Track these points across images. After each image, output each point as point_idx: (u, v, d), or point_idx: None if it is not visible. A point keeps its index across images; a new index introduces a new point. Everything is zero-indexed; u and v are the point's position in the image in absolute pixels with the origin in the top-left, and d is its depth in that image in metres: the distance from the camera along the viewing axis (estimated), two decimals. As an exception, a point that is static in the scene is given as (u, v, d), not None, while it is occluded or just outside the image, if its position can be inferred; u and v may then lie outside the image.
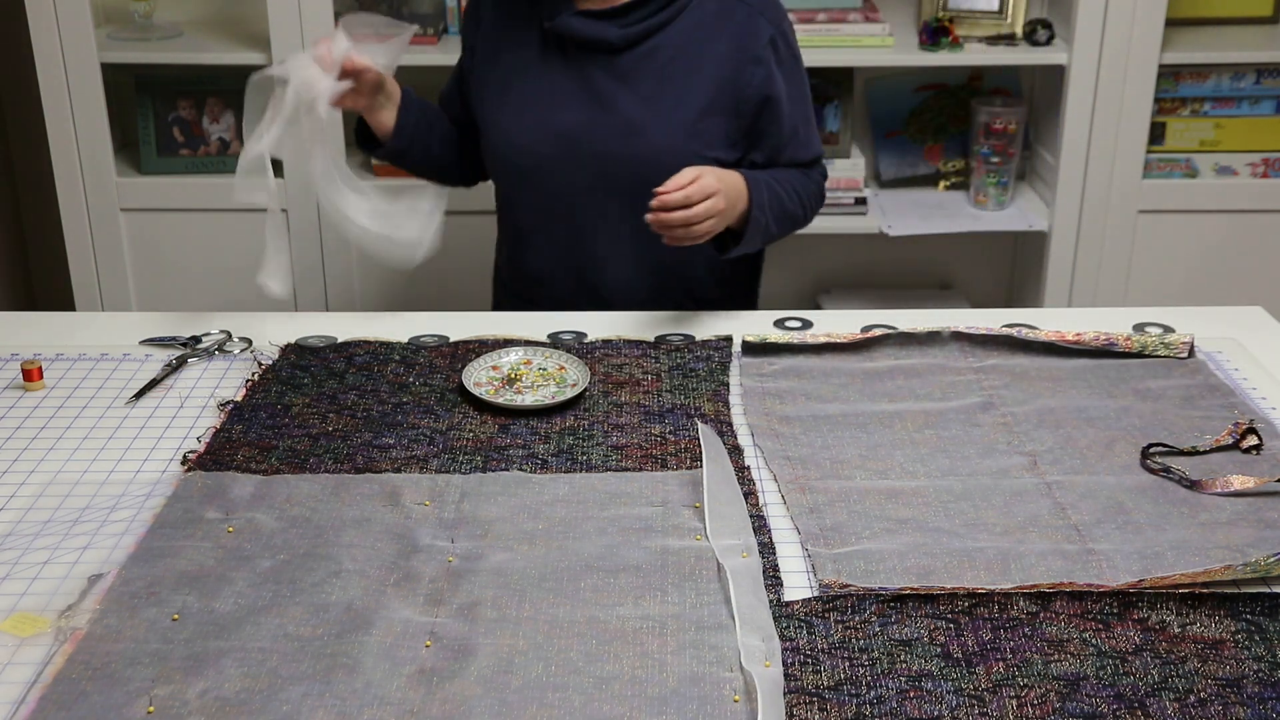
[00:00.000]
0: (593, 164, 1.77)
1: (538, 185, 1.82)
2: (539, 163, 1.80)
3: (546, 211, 1.83)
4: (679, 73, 1.77)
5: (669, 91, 1.76)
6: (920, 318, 1.70)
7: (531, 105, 1.79)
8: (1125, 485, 1.33)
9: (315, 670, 1.06)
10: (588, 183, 1.79)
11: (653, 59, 1.76)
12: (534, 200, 1.84)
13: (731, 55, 1.77)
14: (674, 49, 1.77)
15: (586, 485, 1.33)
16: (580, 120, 1.77)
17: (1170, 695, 1.04)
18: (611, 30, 1.75)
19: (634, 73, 1.76)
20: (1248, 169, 2.76)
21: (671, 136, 1.76)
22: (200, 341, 1.65)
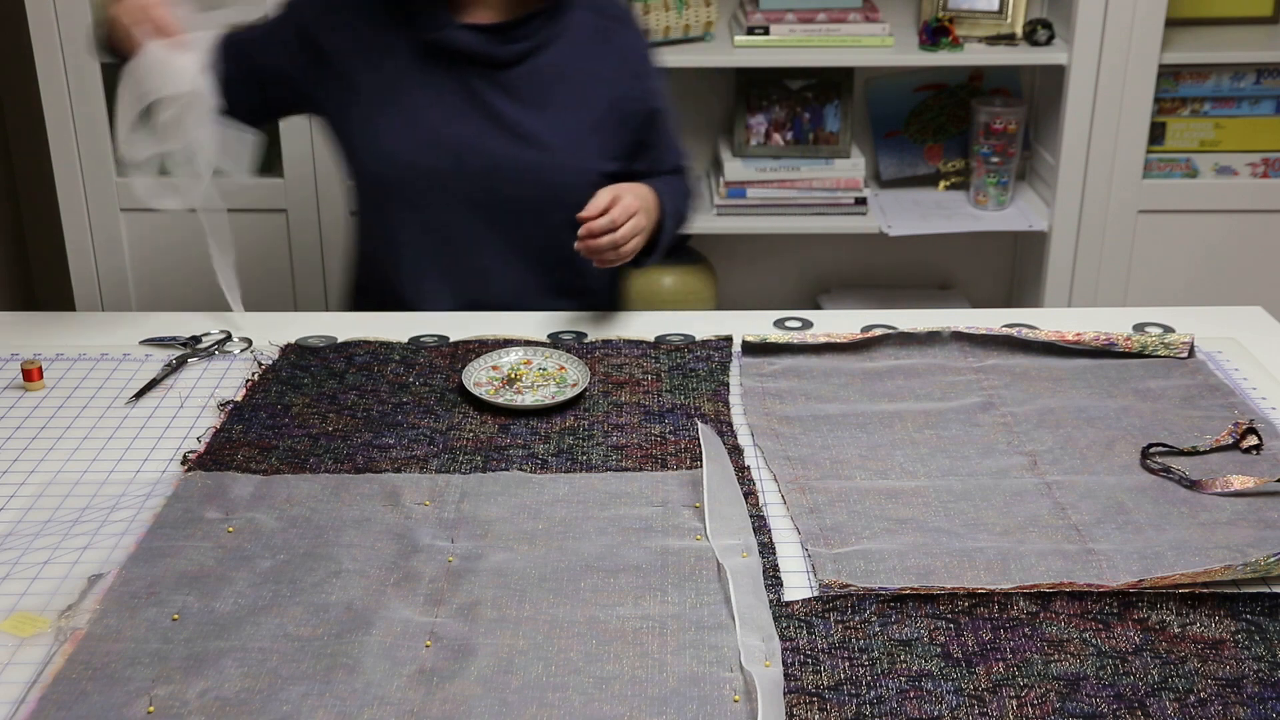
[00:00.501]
0: (481, 177, 1.74)
1: (419, 199, 1.76)
2: (423, 176, 1.74)
3: (425, 224, 1.77)
4: (568, 88, 1.76)
5: (559, 106, 1.76)
6: (920, 318, 1.70)
7: (415, 118, 1.74)
8: (1125, 485, 1.33)
9: (315, 670, 1.06)
10: (474, 196, 1.75)
11: (539, 75, 1.75)
12: (413, 214, 1.77)
13: (618, 71, 1.80)
14: (559, 65, 1.76)
15: (586, 485, 1.33)
16: (469, 133, 1.73)
17: (1170, 695, 1.04)
18: (499, 46, 1.73)
19: (521, 88, 1.75)
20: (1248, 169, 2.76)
21: (564, 149, 1.75)
22: (200, 341, 1.65)
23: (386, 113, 1.75)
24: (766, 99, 2.80)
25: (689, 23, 2.72)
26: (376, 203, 1.81)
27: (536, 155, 1.74)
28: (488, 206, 1.76)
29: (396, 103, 1.75)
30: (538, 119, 1.75)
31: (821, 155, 2.78)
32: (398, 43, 1.75)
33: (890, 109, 2.92)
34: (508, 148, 1.74)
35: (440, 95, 1.74)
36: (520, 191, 1.75)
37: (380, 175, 1.77)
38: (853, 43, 2.68)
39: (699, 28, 2.74)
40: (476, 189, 1.75)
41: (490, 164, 1.74)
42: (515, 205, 1.76)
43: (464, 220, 1.77)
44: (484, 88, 1.74)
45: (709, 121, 2.95)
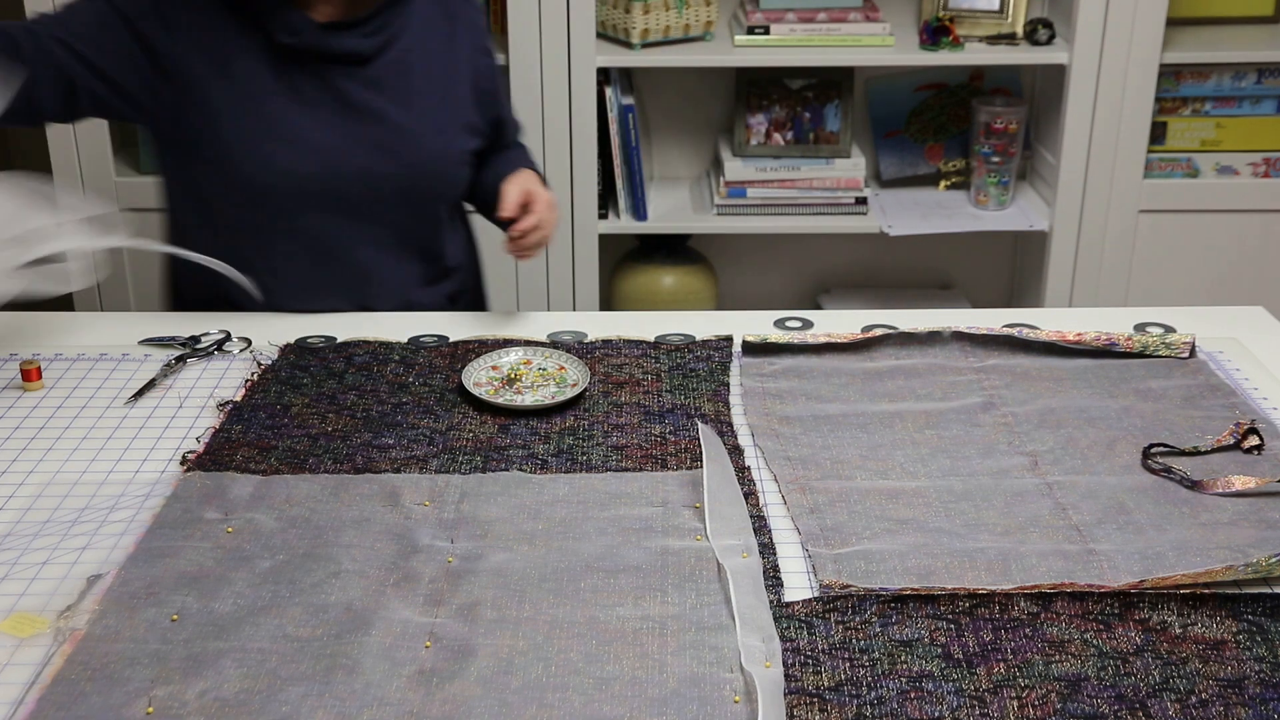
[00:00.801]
0: (357, 177, 1.70)
1: (295, 205, 1.70)
2: (299, 182, 1.68)
3: (302, 229, 1.71)
4: (427, 74, 1.74)
5: (422, 93, 1.74)
6: (921, 318, 1.70)
7: (284, 125, 1.67)
8: (1126, 485, 1.33)
9: (315, 671, 1.06)
10: (351, 196, 1.71)
11: (398, 64, 1.72)
12: (288, 220, 1.71)
13: (470, 50, 1.80)
14: (418, 52, 1.74)
15: (586, 485, 1.33)
16: (340, 134, 1.69)
17: (1171, 696, 1.04)
18: (358, 42, 1.69)
19: (386, 81, 1.71)
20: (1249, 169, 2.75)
21: (433, 137, 1.74)
22: (199, 341, 1.65)
23: (252, 122, 1.66)
24: (767, 99, 2.79)
25: (689, 23, 2.72)
26: (244, 212, 1.71)
27: (408, 147, 1.72)
28: (365, 204, 1.72)
29: (260, 111, 1.67)
30: (404, 110, 1.72)
31: (822, 155, 2.78)
32: (250, 48, 1.67)
33: (891, 108, 2.91)
34: (380, 143, 1.71)
35: (305, 98, 1.68)
36: (396, 185, 1.72)
37: (255, 185, 1.67)
38: (853, 42, 2.68)
39: (699, 27, 2.73)
40: (353, 188, 1.71)
41: (364, 162, 1.70)
42: (392, 199, 1.73)
43: (342, 220, 1.72)
44: (347, 86, 1.70)
45: (709, 121, 2.95)
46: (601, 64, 2.66)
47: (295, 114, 1.68)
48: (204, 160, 1.70)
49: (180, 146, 1.72)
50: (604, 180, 2.78)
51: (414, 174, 1.73)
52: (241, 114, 1.66)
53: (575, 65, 2.63)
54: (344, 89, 1.70)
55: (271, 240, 1.72)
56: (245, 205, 1.71)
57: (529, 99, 2.66)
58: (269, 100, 1.67)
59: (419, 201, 1.77)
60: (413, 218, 1.78)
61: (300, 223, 1.71)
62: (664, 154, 3.01)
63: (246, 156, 1.67)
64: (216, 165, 1.68)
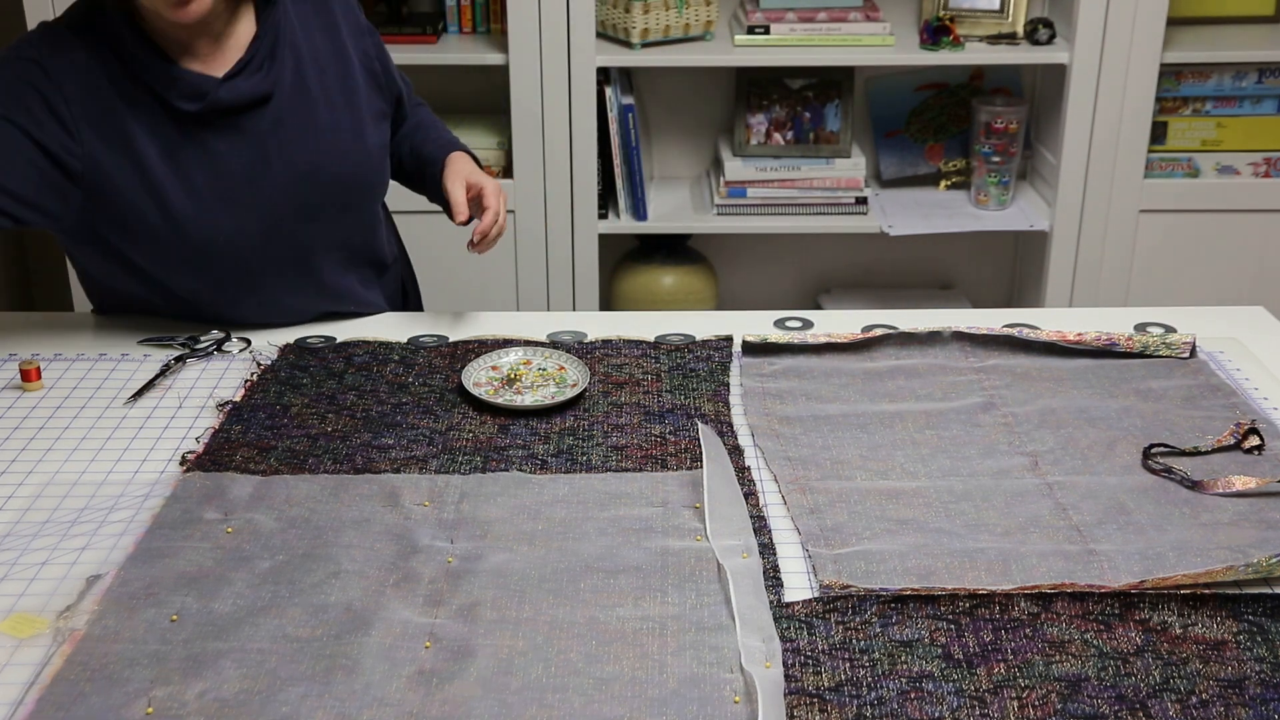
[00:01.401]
0: (297, 212, 1.65)
1: (249, 258, 1.64)
2: (248, 239, 1.62)
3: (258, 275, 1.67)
4: (327, 80, 1.67)
5: (333, 109, 1.67)
6: (921, 318, 1.69)
7: (215, 190, 1.59)
8: (1127, 486, 1.33)
9: (314, 671, 1.06)
10: (300, 228, 1.66)
11: (301, 88, 1.64)
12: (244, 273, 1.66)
13: (351, 39, 1.72)
14: (310, 66, 1.65)
15: (586, 486, 1.33)
16: (271, 177, 1.62)
17: (1172, 696, 1.04)
18: (262, 82, 1.60)
19: (292, 111, 1.63)
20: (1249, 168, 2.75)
21: (356, 141, 1.69)
22: (199, 341, 1.65)
23: (179, 194, 1.58)
24: (767, 98, 2.79)
25: (689, 22, 2.72)
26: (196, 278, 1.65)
27: (332, 163, 1.66)
28: (312, 232, 1.68)
29: (187, 182, 1.58)
30: (318, 132, 1.65)
31: (822, 155, 2.78)
32: (156, 122, 1.57)
33: (891, 108, 2.91)
34: (305, 171, 1.64)
35: (226, 156, 1.60)
36: (333, 203, 1.69)
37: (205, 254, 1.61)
38: (853, 42, 2.68)
39: (699, 27, 2.73)
40: (296, 222, 1.66)
41: (298, 194, 1.64)
42: (334, 217, 1.70)
43: (295, 253, 1.68)
44: (260, 129, 1.61)
45: (709, 121, 2.95)
46: (601, 64, 2.66)
47: (216, 175, 1.59)
48: (141, 246, 1.61)
49: (104, 242, 1.62)
50: (604, 180, 2.78)
51: (345, 185, 1.69)
52: (166, 190, 1.57)
53: (575, 65, 2.62)
54: (255, 133, 1.61)
55: (232, 294, 1.67)
56: (197, 273, 1.64)
57: (529, 99, 2.66)
58: (188, 170, 1.58)
59: (357, 209, 1.74)
60: (355, 226, 1.75)
61: (250, 266, 1.66)
62: (664, 154, 3.01)
63: (183, 230, 1.59)
64: (157, 247, 1.61)
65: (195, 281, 1.66)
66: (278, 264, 1.67)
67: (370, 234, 1.79)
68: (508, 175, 2.76)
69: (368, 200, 1.76)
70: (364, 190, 1.74)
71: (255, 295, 1.68)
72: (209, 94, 1.56)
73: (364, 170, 1.72)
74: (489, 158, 2.77)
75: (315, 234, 1.69)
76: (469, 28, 2.83)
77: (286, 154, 1.63)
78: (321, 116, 1.66)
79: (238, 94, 1.59)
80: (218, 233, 1.60)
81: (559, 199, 2.73)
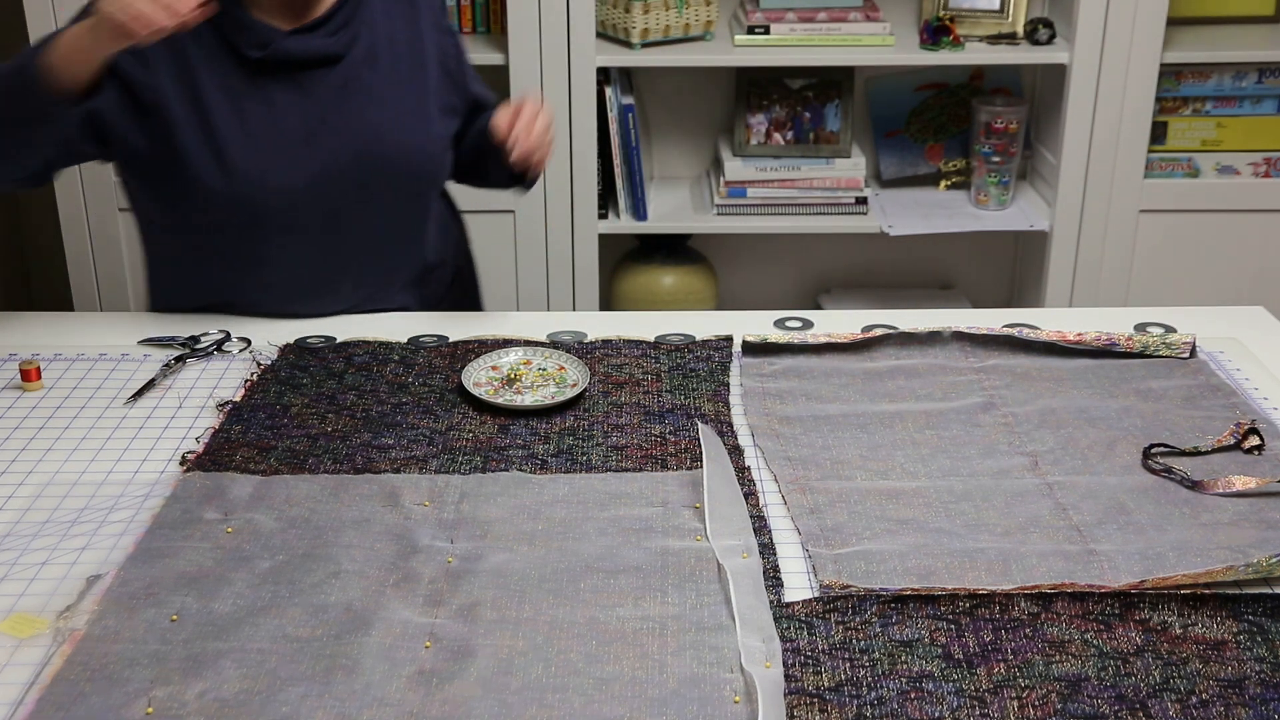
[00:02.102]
0: (346, 176, 1.68)
1: (287, 216, 1.67)
2: (290, 195, 1.66)
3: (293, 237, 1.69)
4: (399, 62, 1.73)
5: (398, 84, 1.72)
6: (921, 318, 1.69)
7: (270, 139, 1.65)
8: (1127, 486, 1.33)
9: (314, 671, 1.06)
10: (343, 197, 1.70)
11: (370, 57, 1.70)
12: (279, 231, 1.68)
13: (430, 32, 1.77)
14: (384, 42, 1.72)
15: (586, 486, 1.33)
16: (325, 138, 1.67)
17: (1172, 696, 1.04)
18: (328, 42, 1.67)
19: (357, 77, 1.69)
20: (1249, 168, 2.75)
21: (417, 126, 1.73)
22: (199, 341, 1.65)
23: (237, 141, 1.64)
24: (767, 98, 2.79)
25: (689, 22, 2.72)
26: (234, 229, 1.68)
27: (388, 140, 1.70)
28: (354, 204, 1.71)
29: (241, 129, 1.64)
30: (379, 104, 1.70)
31: (822, 155, 2.78)
32: (222, 69, 1.64)
33: (891, 108, 2.91)
34: (360, 141, 1.69)
35: (281, 108, 1.66)
36: (382, 180, 1.71)
37: (247, 203, 1.65)
38: (853, 42, 2.68)
39: (699, 27, 2.73)
40: (341, 190, 1.69)
41: (349, 161, 1.68)
42: (380, 195, 1.72)
43: (333, 222, 1.71)
44: (321, 88, 1.67)
45: (709, 121, 2.95)
46: (601, 64, 2.66)
47: (275, 126, 1.65)
48: (187, 186, 1.65)
49: (158, 177, 1.67)
50: (604, 180, 2.78)
51: (397, 166, 1.72)
52: (223, 136, 1.63)
53: (575, 65, 2.62)
54: (318, 92, 1.68)
55: (264, 251, 1.70)
56: (235, 223, 1.67)
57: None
58: (248, 117, 1.64)
59: (406, 194, 1.76)
60: (399, 213, 1.76)
61: (292, 230, 1.69)
62: (664, 154, 3.01)
63: (234, 177, 1.63)
64: (202, 190, 1.64)
65: (229, 233, 1.69)
66: (313, 232, 1.70)
67: (413, 227, 1.79)
68: (508, 175, 2.76)
69: (418, 187, 1.77)
70: (416, 173, 1.75)
71: (280, 265, 1.71)
72: (272, 44, 1.63)
73: (420, 155, 1.74)
74: (489, 158, 2.77)
75: (357, 207, 1.71)
76: (469, 28, 2.83)
77: (345, 119, 1.68)
78: (386, 91, 1.70)
79: (305, 49, 1.65)
80: (264, 182, 1.65)
81: (559, 199, 2.72)
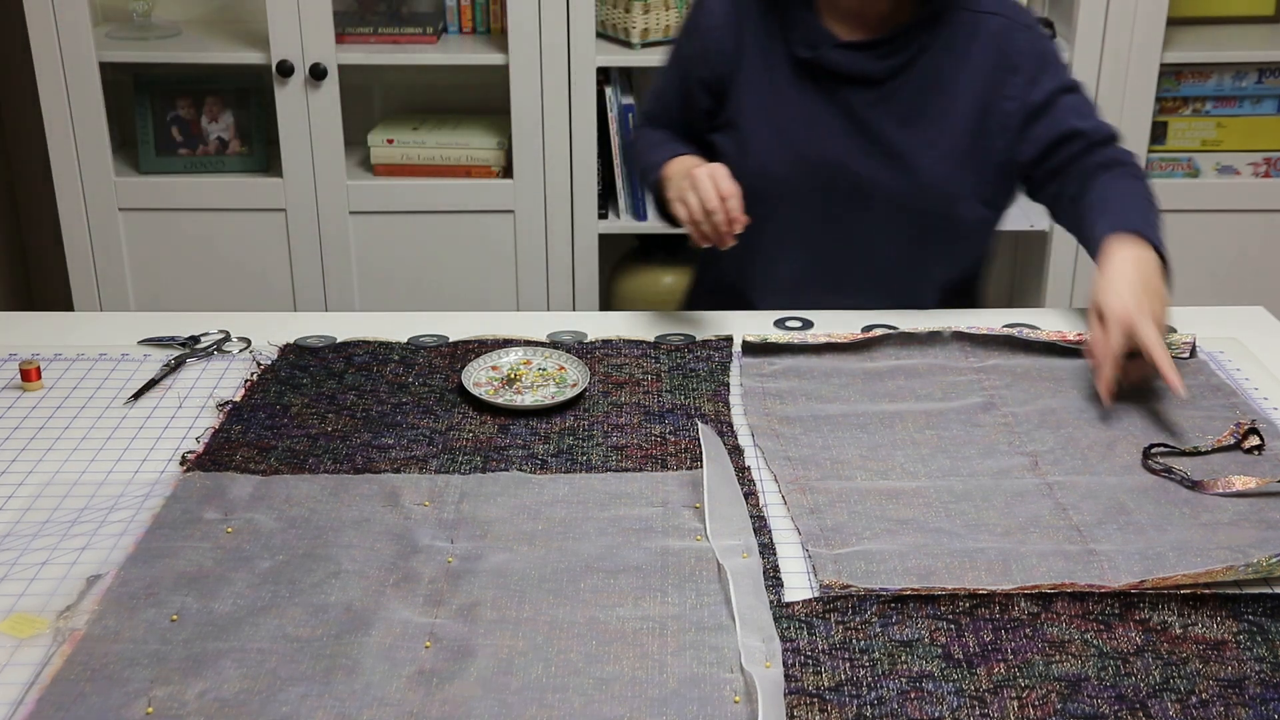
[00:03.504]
0: (851, 193, 1.72)
1: (784, 210, 1.76)
2: (793, 190, 1.74)
3: (785, 235, 1.78)
4: (939, 98, 1.71)
5: (931, 119, 1.71)
6: (921, 318, 1.69)
7: (790, 134, 1.73)
8: (1127, 486, 1.33)
9: (314, 671, 1.06)
10: (838, 211, 1.74)
11: (911, 87, 1.71)
12: (774, 225, 1.77)
13: (989, 71, 1.71)
14: (931, 75, 1.71)
15: (586, 486, 1.33)
16: (839, 153, 1.72)
17: (1172, 696, 1.04)
18: (872, 64, 1.70)
19: (893, 102, 1.71)
20: (1249, 168, 2.75)
21: (940, 165, 1.71)
22: (199, 341, 1.65)
23: (762, 129, 1.74)
24: (767, 98, 2.79)
25: (689, 22, 2.71)
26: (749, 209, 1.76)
27: (907, 177, 1.71)
28: (850, 221, 1.74)
29: (770, 119, 1.74)
30: (911, 137, 1.71)
31: (822, 155, 2.77)
32: (776, 59, 1.73)
33: (891, 108, 2.91)
34: (878, 167, 1.71)
35: (814, 113, 1.72)
36: (885, 209, 1.72)
37: (751, 188, 1.69)
38: (853, 42, 2.67)
39: (699, 27, 2.73)
40: (841, 204, 1.73)
41: (856, 182, 1.71)
42: (878, 220, 1.73)
43: (823, 235, 1.76)
44: (857, 105, 1.71)
45: (709, 121, 2.95)
46: (601, 64, 2.66)
47: (804, 124, 1.72)
48: (726, 155, 1.76)
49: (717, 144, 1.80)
50: (604, 180, 2.78)
51: (906, 197, 1.72)
52: (753, 118, 1.74)
53: (575, 65, 2.62)
54: (850, 105, 1.71)
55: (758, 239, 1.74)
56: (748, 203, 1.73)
57: (529, 99, 2.66)
58: (781, 111, 1.73)
59: (911, 223, 1.74)
60: (886, 243, 1.75)
61: (784, 228, 1.76)
62: (664, 154, 3.01)
63: (749, 161, 1.73)
64: (731, 162, 1.71)
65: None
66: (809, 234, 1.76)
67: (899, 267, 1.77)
68: (508, 175, 2.76)
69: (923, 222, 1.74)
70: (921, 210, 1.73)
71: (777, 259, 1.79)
72: (820, 49, 1.69)
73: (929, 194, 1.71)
74: (489, 158, 2.77)
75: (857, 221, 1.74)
76: (469, 28, 2.83)
77: (864, 136, 1.70)
78: (918, 126, 1.70)
79: (848, 64, 1.70)
80: (764, 172, 1.73)
81: (559, 199, 2.73)
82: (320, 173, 2.71)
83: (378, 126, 2.81)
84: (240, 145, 2.82)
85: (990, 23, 1.72)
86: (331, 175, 2.72)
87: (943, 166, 1.72)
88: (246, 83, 2.79)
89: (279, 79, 2.64)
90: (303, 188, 2.73)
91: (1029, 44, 1.73)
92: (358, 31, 2.74)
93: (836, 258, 1.79)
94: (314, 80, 2.64)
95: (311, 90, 2.65)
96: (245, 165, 2.82)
